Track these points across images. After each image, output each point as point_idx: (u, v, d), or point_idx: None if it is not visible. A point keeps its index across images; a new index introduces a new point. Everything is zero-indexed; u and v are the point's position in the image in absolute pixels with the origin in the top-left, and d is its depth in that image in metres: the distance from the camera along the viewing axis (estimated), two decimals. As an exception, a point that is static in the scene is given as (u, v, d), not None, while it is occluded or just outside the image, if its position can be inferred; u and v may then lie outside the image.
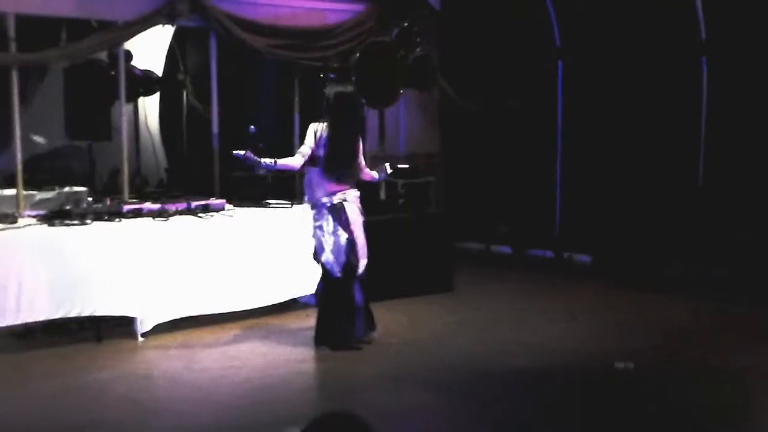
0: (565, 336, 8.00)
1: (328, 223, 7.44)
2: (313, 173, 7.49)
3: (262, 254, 8.44)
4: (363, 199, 7.75)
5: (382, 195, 10.11)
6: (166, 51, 11.50)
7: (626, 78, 10.71)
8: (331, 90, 7.56)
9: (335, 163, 7.46)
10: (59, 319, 7.54)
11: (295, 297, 8.80)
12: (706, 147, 10.32)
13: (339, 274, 7.45)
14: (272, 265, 8.44)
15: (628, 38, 10.61)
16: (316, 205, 7.51)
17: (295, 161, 7.49)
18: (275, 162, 7.42)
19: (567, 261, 11.58)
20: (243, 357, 7.42)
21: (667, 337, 8.05)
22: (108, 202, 8.16)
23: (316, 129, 7.49)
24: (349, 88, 7.69)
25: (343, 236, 7.44)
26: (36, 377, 6.89)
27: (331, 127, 7.44)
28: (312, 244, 7.57)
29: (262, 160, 7.37)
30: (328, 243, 7.43)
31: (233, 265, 8.30)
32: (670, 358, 7.39)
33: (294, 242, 8.39)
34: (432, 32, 10.97)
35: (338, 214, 7.46)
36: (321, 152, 7.43)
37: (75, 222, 7.64)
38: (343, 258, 7.44)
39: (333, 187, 7.46)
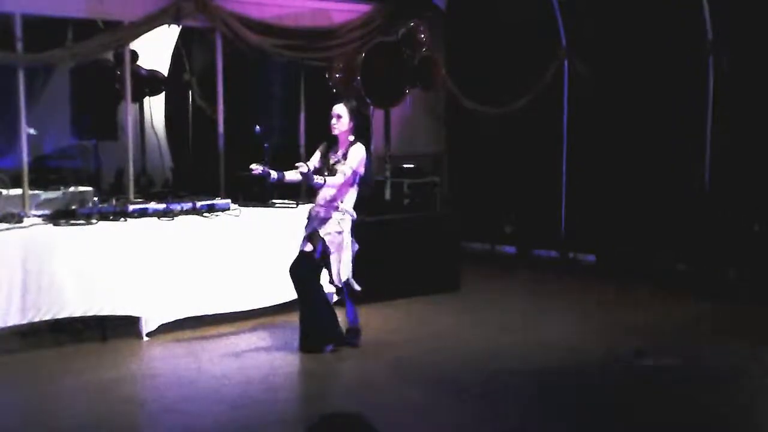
0: (570, 335, 8.00)
1: (348, 235, 7.37)
2: (354, 184, 7.36)
3: (267, 254, 8.44)
4: (365, 201, 7.72)
5: (388, 195, 10.14)
6: (172, 51, 11.53)
7: (632, 78, 10.68)
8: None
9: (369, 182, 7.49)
10: (64, 318, 7.55)
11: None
12: (712, 147, 10.30)
13: (340, 284, 7.44)
14: (277, 264, 8.42)
15: (635, 38, 10.59)
16: (342, 211, 7.32)
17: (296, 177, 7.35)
18: (283, 174, 7.33)
19: (572, 261, 11.58)
20: (248, 357, 7.43)
21: (674, 337, 8.04)
22: (113, 202, 8.18)
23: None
24: (354, 102, 7.61)
25: (350, 253, 7.41)
26: (41, 377, 6.89)
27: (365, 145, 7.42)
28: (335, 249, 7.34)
29: (271, 172, 7.27)
30: (346, 254, 7.36)
31: (238, 265, 8.30)
32: (675, 357, 7.38)
33: (299, 242, 8.37)
34: (438, 32, 10.99)
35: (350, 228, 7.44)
36: (362, 170, 7.31)
37: (80, 222, 7.65)
38: (350, 274, 7.42)
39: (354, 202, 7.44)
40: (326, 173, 7.29)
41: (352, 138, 7.33)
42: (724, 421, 6.05)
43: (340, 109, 7.36)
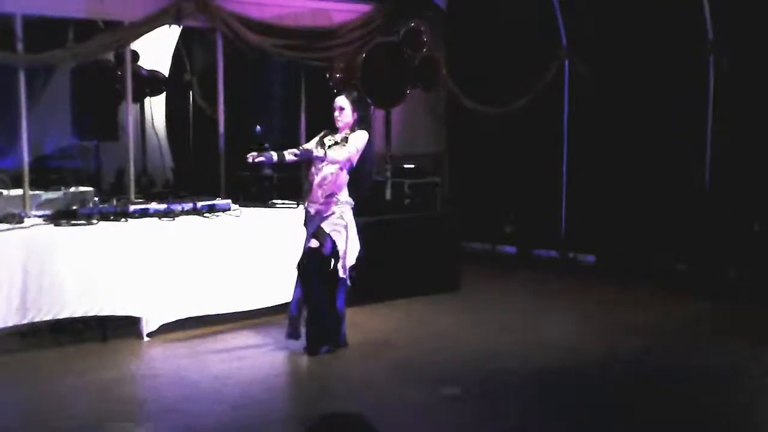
0: (570, 335, 8.00)
1: (352, 224, 7.38)
2: (347, 172, 7.34)
3: (268, 254, 8.45)
4: (366, 200, 7.73)
5: (388, 195, 10.15)
6: (173, 51, 11.54)
7: (632, 77, 10.69)
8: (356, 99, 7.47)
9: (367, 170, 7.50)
10: (65, 318, 7.55)
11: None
12: (713, 147, 10.31)
13: (347, 275, 7.41)
14: (278, 265, 8.44)
15: (635, 38, 10.59)
16: (341, 204, 7.29)
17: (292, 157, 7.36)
18: (284, 155, 7.25)
19: (572, 261, 11.58)
20: (249, 357, 7.43)
21: (673, 336, 8.05)
22: (114, 202, 8.19)
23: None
24: (355, 94, 7.60)
25: (357, 240, 7.42)
26: (41, 377, 6.90)
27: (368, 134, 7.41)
28: (339, 243, 7.30)
29: (273, 154, 7.21)
30: (352, 243, 7.37)
31: (239, 266, 8.31)
32: (675, 357, 7.39)
33: (300, 242, 8.38)
34: (438, 32, 11.00)
35: (352, 215, 7.43)
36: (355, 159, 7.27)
37: (81, 222, 7.66)
38: (354, 261, 7.42)
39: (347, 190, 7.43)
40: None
41: (356, 130, 7.33)
42: (724, 421, 6.06)
43: (342, 101, 7.34)
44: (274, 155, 7.22)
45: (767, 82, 9.84)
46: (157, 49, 10.98)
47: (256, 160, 7.25)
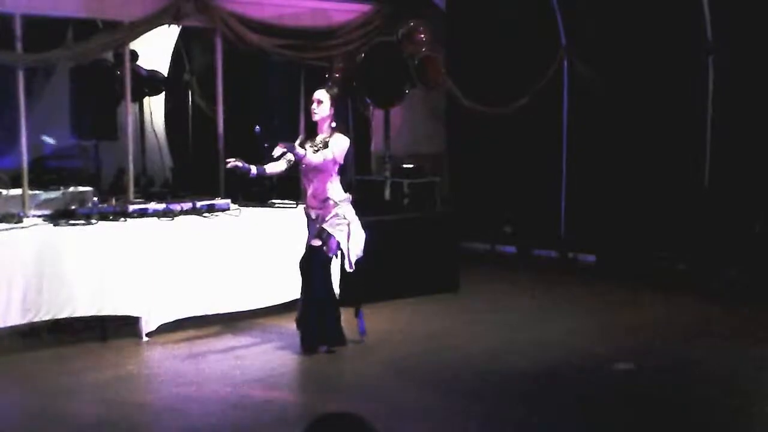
0: (569, 336, 7.99)
1: (354, 219, 7.38)
2: (336, 174, 7.40)
3: (267, 254, 8.45)
4: (366, 199, 7.74)
5: (388, 195, 10.14)
6: (172, 51, 11.53)
7: (632, 77, 10.68)
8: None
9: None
10: (64, 318, 7.55)
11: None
12: (712, 146, 10.30)
13: (353, 268, 7.43)
14: (277, 265, 8.44)
15: (635, 38, 10.58)
16: (339, 203, 7.31)
17: (280, 167, 7.48)
18: (264, 169, 7.41)
19: (572, 261, 11.57)
20: (248, 357, 7.43)
21: (673, 336, 8.04)
22: (113, 202, 8.18)
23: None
24: (335, 90, 7.63)
25: (362, 232, 7.43)
26: (40, 377, 6.89)
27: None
28: (340, 241, 7.34)
29: (251, 167, 7.34)
30: (357, 237, 7.38)
31: (238, 265, 8.31)
32: (675, 357, 7.38)
33: (299, 242, 8.38)
34: (438, 32, 10.99)
35: (353, 210, 7.44)
36: (341, 160, 7.33)
37: (80, 222, 7.66)
38: (361, 253, 7.42)
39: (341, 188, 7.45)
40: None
41: (333, 125, 7.34)
42: (723, 421, 6.05)
43: (321, 94, 7.41)
44: (253, 168, 7.35)
45: (766, 81, 9.84)
46: (156, 49, 10.97)
47: (230, 166, 7.33)
